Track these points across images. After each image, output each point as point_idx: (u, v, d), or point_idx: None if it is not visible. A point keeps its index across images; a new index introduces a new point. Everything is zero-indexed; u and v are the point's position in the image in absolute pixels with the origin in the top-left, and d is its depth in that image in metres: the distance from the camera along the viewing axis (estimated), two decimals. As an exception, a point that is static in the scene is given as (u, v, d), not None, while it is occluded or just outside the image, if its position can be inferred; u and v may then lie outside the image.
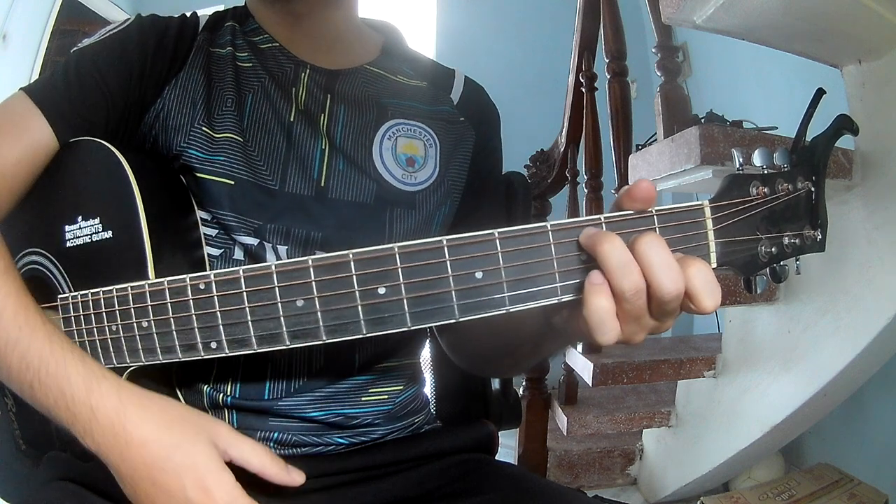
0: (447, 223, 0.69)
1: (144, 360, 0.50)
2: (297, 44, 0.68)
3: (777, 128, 1.33)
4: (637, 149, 1.43)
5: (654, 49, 1.46)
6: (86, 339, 0.53)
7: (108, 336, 0.51)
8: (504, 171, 0.80)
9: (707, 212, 0.42)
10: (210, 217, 0.60)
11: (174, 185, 0.60)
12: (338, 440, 0.64)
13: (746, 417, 1.44)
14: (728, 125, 1.31)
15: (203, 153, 0.60)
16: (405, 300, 0.42)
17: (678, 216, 0.42)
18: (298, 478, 0.49)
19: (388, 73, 0.72)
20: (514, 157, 0.96)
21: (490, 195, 0.74)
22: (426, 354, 0.84)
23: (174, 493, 0.45)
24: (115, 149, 0.55)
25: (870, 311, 1.13)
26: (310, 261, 0.43)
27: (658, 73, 1.43)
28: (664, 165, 1.18)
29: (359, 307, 0.42)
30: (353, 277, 0.42)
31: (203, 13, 0.69)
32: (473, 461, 0.67)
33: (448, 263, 0.41)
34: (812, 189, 0.43)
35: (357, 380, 0.65)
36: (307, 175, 0.63)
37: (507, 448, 1.78)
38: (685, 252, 0.41)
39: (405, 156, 0.67)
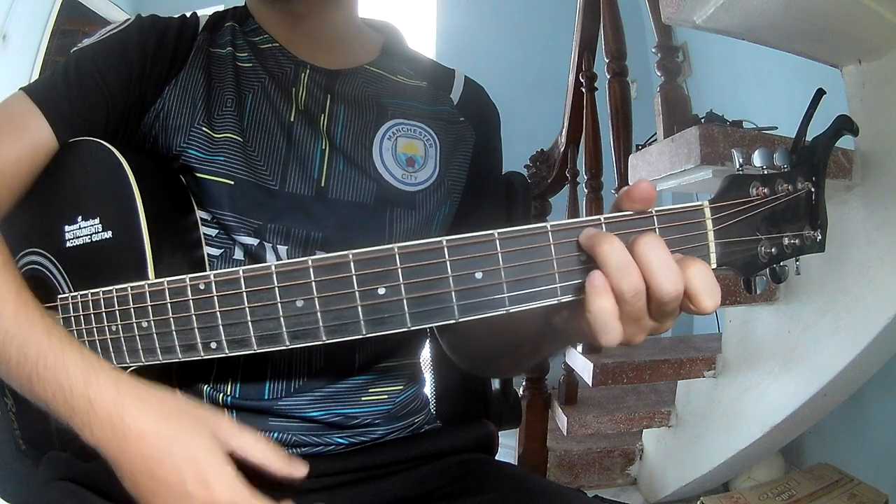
0: (447, 223, 0.69)
1: (144, 361, 0.50)
2: (297, 44, 0.68)
3: (777, 128, 1.33)
4: (637, 149, 1.43)
5: (654, 49, 1.45)
6: (85, 340, 0.53)
7: (108, 336, 0.51)
8: (504, 171, 0.80)
9: (707, 212, 0.42)
10: (210, 217, 0.60)
11: (174, 186, 0.60)
12: (338, 440, 0.64)
13: (746, 417, 1.44)
14: (728, 125, 1.31)
15: (203, 153, 0.60)
16: (405, 300, 0.42)
17: (678, 217, 0.42)
18: (300, 470, 0.48)
19: (388, 73, 0.72)
20: (514, 157, 0.96)
21: (490, 195, 0.74)
22: (426, 354, 0.84)
23: (173, 486, 0.44)
24: (115, 149, 0.55)
25: (870, 311, 1.13)
26: (310, 261, 0.43)
27: (658, 73, 1.43)
28: (664, 165, 1.18)
29: (359, 307, 0.42)
30: (353, 278, 0.42)
31: (203, 13, 0.69)
32: (473, 461, 0.67)
33: (448, 264, 0.41)
34: (812, 189, 0.43)
35: (357, 380, 0.65)
36: (307, 175, 0.63)
37: (507, 448, 1.78)
38: (685, 252, 0.41)
39: (405, 156, 0.67)
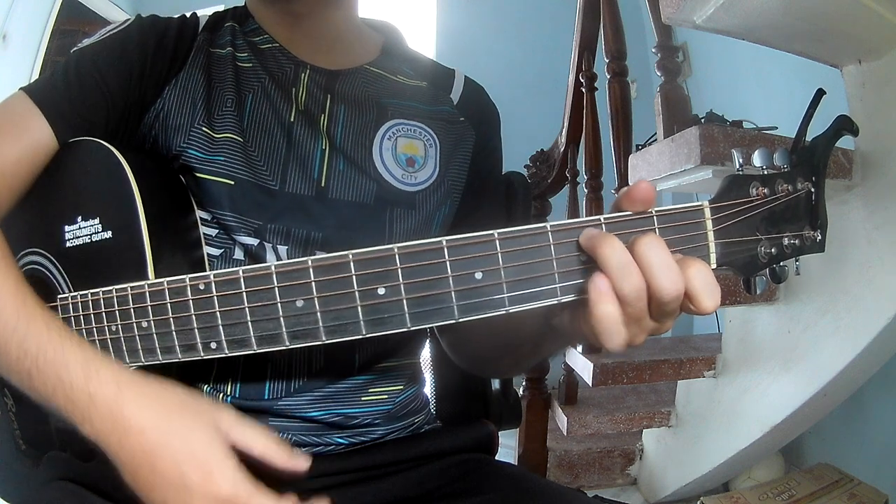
0: (447, 223, 0.69)
1: (144, 361, 0.50)
2: (297, 44, 0.68)
3: (777, 128, 1.33)
4: (637, 149, 1.43)
5: (654, 49, 1.45)
6: (85, 340, 0.53)
7: (108, 336, 0.51)
8: (504, 171, 0.80)
9: (707, 212, 0.42)
10: (210, 217, 0.60)
11: (174, 185, 0.60)
12: (337, 440, 0.64)
13: (746, 417, 1.44)
14: (728, 125, 1.31)
15: (203, 153, 0.60)
16: (405, 301, 0.42)
17: (678, 217, 0.42)
18: (303, 463, 0.48)
19: (388, 73, 0.72)
20: (514, 157, 0.96)
21: (490, 195, 0.74)
22: (426, 354, 0.84)
23: (173, 480, 0.44)
24: (115, 149, 0.55)
25: (870, 311, 1.13)
26: (309, 261, 0.43)
27: (658, 73, 1.43)
28: (664, 165, 1.18)
29: (358, 308, 0.42)
30: (353, 278, 0.42)
31: (203, 13, 0.69)
32: (473, 461, 0.67)
33: (448, 264, 0.41)
34: (812, 189, 0.43)
35: (357, 380, 0.65)
36: (307, 175, 0.63)
37: (507, 448, 1.78)
38: (685, 253, 0.41)
39: (405, 156, 0.67)
